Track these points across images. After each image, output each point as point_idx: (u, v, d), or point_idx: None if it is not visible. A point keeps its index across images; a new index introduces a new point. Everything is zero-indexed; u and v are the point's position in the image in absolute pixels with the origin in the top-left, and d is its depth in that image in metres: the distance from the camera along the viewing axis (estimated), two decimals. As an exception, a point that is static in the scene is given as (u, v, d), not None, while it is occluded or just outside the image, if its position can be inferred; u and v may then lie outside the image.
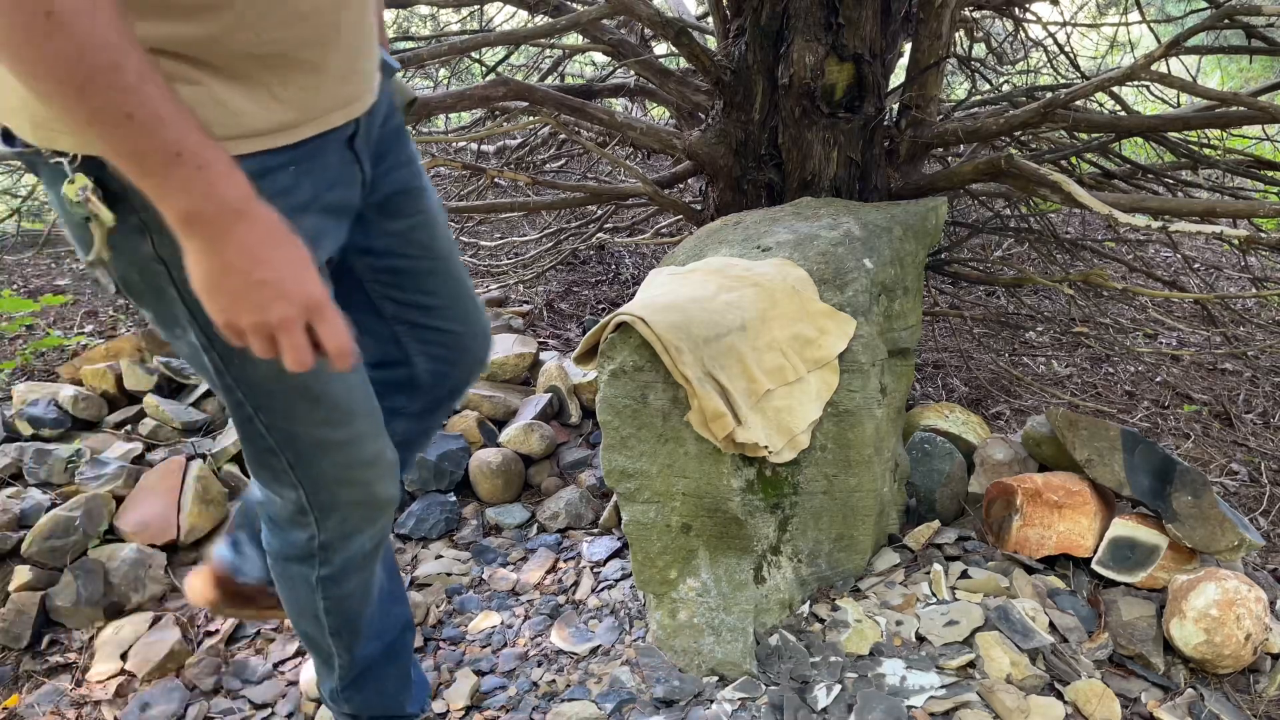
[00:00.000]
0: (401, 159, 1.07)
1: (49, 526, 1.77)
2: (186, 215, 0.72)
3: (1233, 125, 2.20)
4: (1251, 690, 1.52)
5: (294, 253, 0.77)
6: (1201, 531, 1.63)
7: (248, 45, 0.78)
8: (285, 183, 0.85)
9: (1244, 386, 2.88)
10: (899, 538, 1.86)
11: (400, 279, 1.12)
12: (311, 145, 0.87)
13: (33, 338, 3.05)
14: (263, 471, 1.03)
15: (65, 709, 1.53)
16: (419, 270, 1.13)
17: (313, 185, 0.89)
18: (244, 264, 0.74)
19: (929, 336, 3.30)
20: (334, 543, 1.09)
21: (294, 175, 0.86)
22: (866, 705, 1.40)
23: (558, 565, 1.88)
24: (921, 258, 1.88)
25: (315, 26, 0.82)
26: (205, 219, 0.73)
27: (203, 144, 0.71)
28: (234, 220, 0.73)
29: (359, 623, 1.20)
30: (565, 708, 1.45)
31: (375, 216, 1.06)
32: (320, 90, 0.86)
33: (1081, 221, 4.31)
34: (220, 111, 0.78)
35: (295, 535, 1.08)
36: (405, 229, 1.09)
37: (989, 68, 3.65)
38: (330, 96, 0.87)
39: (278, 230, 0.76)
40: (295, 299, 0.76)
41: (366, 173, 0.99)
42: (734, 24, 2.32)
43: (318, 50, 0.84)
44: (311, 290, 0.77)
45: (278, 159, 0.84)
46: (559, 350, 2.70)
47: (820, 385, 1.59)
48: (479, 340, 1.25)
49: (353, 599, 1.16)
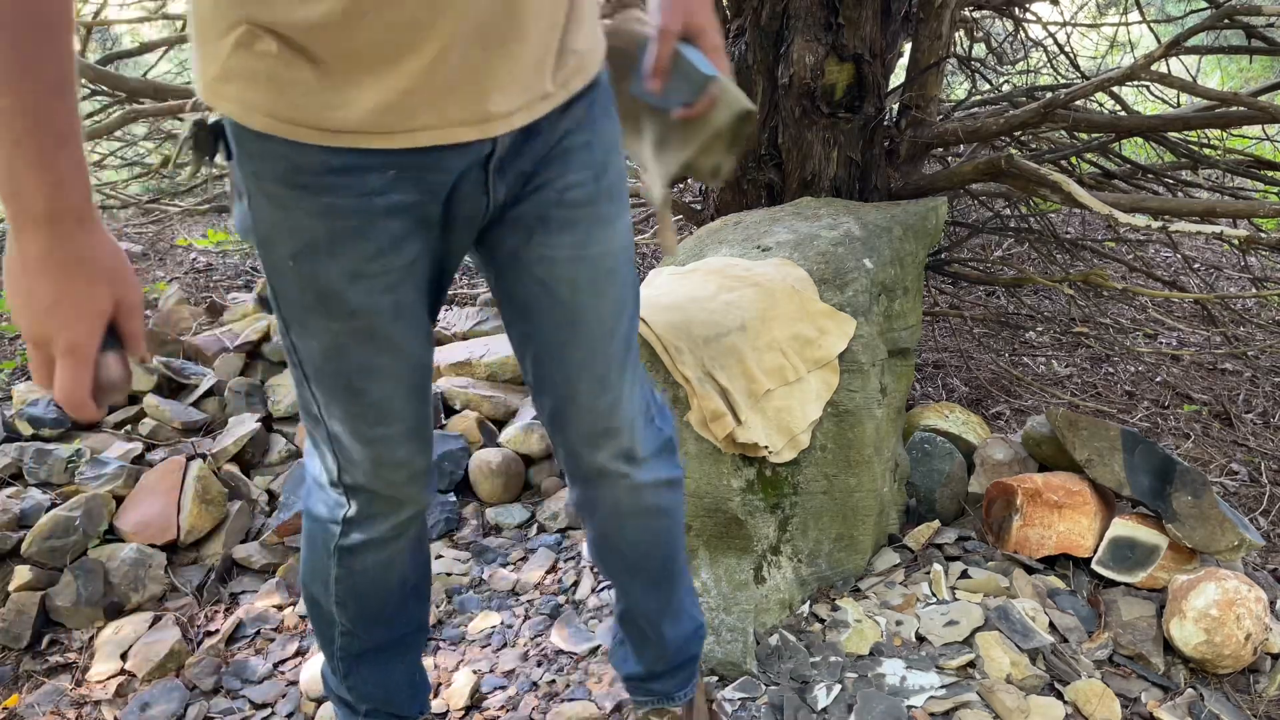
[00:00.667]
0: (558, 185, 0.94)
1: (49, 526, 1.77)
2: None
3: (1233, 125, 2.20)
4: (1251, 690, 1.52)
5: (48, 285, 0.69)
6: (1201, 531, 1.63)
7: (360, 42, 0.76)
8: (375, 183, 0.83)
9: (1244, 386, 2.88)
10: (899, 538, 1.86)
11: (507, 304, 1.04)
12: (414, 156, 0.84)
13: (33, 338, 3.04)
14: (308, 432, 1.05)
15: (65, 709, 1.53)
16: (532, 310, 1.00)
17: (402, 192, 0.86)
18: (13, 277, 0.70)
19: (929, 336, 3.30)
20: (357, 520, 1.10)
21: (391, 180, 0.84)
22: (866, 705, 1.40)
23: (558, 565, 1.88)
24: (921, 258, 1.88)
25: (418, 39, 0.77)
26: (9, 216, 0.68)
27: (41, 147, 0.65)
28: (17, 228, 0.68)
29: (366, 602, 1.20)
30: (565, 708, 1.45)
31: (502, 231, 0.98)
32: (421, 103, 0.81)
33: (1081, 221, 4.31)
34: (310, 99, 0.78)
35: (326, 498, 1.11)
36: (526, 256, 0.97)
37: (989, 68, 3.65)
38: (436, 113, 0.82)
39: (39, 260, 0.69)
40: (32, 334, 0.71)
41: (495, 194, 0.92)
42: (734, 24, 2.32)
43: (421, 60, 0.79)
44: (44, 330, 0.70)
45: (369, 159, 0.82)
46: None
47: (820, 385, 1.59)
48: (581, 421, 1.07)
49: (364, 576, 1.16)
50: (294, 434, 2.23)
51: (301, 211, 0.83)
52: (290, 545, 1.89)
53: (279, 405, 2.29)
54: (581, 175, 0.95)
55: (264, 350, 2.46)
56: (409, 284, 0.92)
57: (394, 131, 0.81)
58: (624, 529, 1.16)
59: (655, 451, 1.13)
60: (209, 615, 1.76)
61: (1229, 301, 3.28)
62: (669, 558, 1.22)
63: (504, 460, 2.12)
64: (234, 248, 4.09)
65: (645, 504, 1.13)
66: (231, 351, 2.44)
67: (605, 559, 1.23)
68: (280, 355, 2.45)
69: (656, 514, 1.15)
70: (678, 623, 1.29)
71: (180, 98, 2.25)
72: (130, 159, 3.78)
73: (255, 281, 3.60)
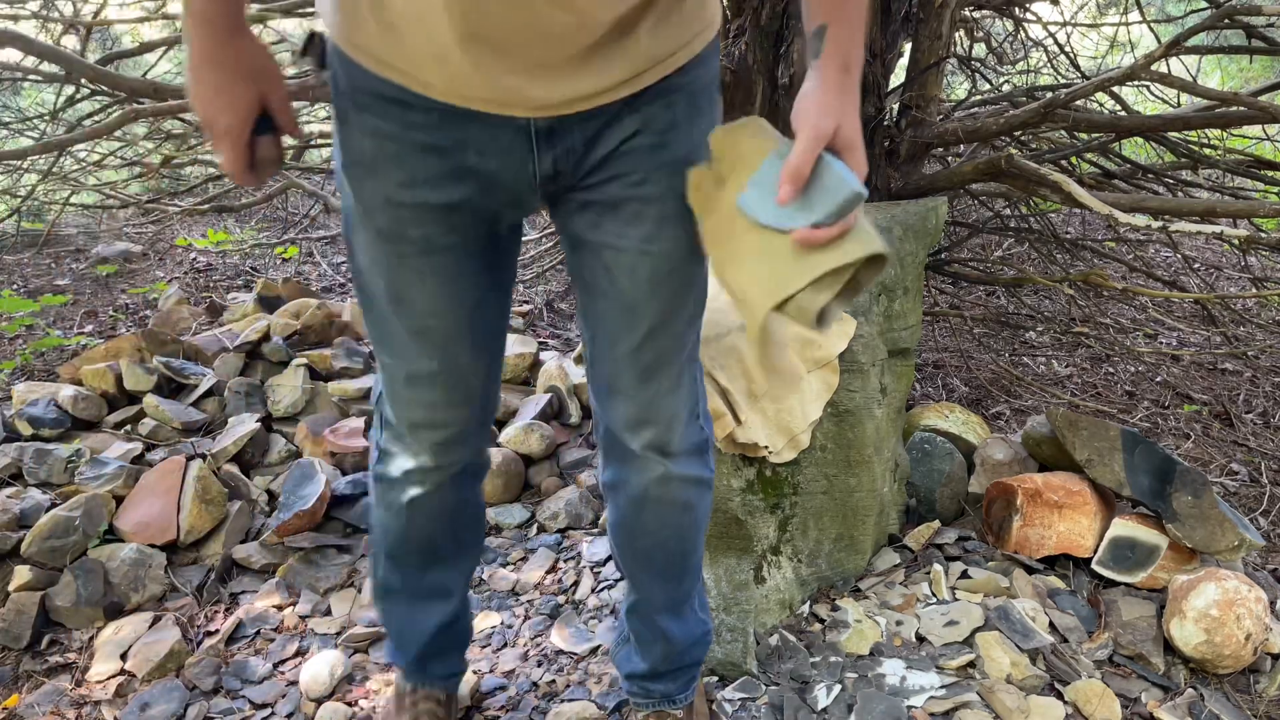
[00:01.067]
0: (631, 178, 0.96)
1: (49, 526, 1.77)
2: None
3: (1233, 125, 2.20)
4: (1251, 690, 1.52)
5: (211, 77, 0.88)
6: (1201, 531, 1.63)
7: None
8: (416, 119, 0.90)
9: (1244, 386, 2.88)
10: (899, 538, 1.86)
11: (576, 278, 1.06)
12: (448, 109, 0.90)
13: (32, 338, 3.05)
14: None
15: (65, 709, 1.53)
16: (594, 289, 1.04)
17: (442, 135, 0.91)
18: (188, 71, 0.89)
19: (929, 336, 3.30)
20: (383, 447, 1.16)
21: (434, 120, 0.90)
22: (866, 705, 1.40)
23: (558, 565, 1.88)
24: (921, 258, 1.88)
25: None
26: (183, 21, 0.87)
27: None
28: (189, 32, 0.86)
29: (387, 536, 1.23)
30: (565, 708, 1.45)
31: (572, 208, 1.00)
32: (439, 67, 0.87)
33: (1081, 221, 4.31)
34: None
35: (375, 416, 1.18)
36: (593, 239, 1.00)
37: (989, 68, 3.65)
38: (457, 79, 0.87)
39: (203, 58, 0.87)
40: (201, 117, 0.89)
41: (541, 165, 0.94)
42: (734, 24, 2.32)
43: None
44: (208, 114, 0.89)
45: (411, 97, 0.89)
46: (559, 350, 2.70)
47: (820, 385, 1.59)
48: (621, 406, 1.08)
49: (388, 511, 1.20)
50: (294, 434, 2.23)
51: (356, 127, 0.92)
52: (290, 545, 1.89)
53: (279, 405, 2.29)
54: (654, 174, 0.96)
55: (264, 350, 2.46)
56: (444, 226, 0.95)
57: (430, 84, 0.87)
58: (645, 515, 1.17)
59: (691, 449, 1.14)
60: (209, 615, 1.76)
61: (1229, 301, 3.28)
62: (684, 554, 1.22)
63: (504, 460, 2.12)
64: (234, 247, 4.10)
65: (671, 496, 1.14)
66: (231, 351, 2.44)
67: (621, 544, 1.23)
68: (279, 355, 2.45)
69: (680, 508, 1.16)
70: (685, 623, 1.29)
71: (180, 97, 2.25)
72: (130, 159, 3.78)
73: (255, 282, 3.60)
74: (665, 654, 1.30)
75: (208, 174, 4.39)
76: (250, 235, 4.42)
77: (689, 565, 1.24)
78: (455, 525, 1.24)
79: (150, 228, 4.44)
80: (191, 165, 4.35)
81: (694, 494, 1.16)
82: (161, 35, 3.52)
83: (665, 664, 1.31)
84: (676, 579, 1.24)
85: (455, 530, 1.25)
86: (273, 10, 2.63)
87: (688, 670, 1.33)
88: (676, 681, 1.33)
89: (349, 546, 1.94)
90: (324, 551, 1.91)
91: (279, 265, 3.99)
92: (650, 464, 1.12)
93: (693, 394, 1.12)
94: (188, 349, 2.48)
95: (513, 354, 2.48)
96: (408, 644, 1.33)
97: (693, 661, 1.33)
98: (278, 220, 4.70)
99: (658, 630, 1.28)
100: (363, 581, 1.83)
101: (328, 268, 3.87)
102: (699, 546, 1.24)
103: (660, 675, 1.32)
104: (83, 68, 2.27)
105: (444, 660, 1.36)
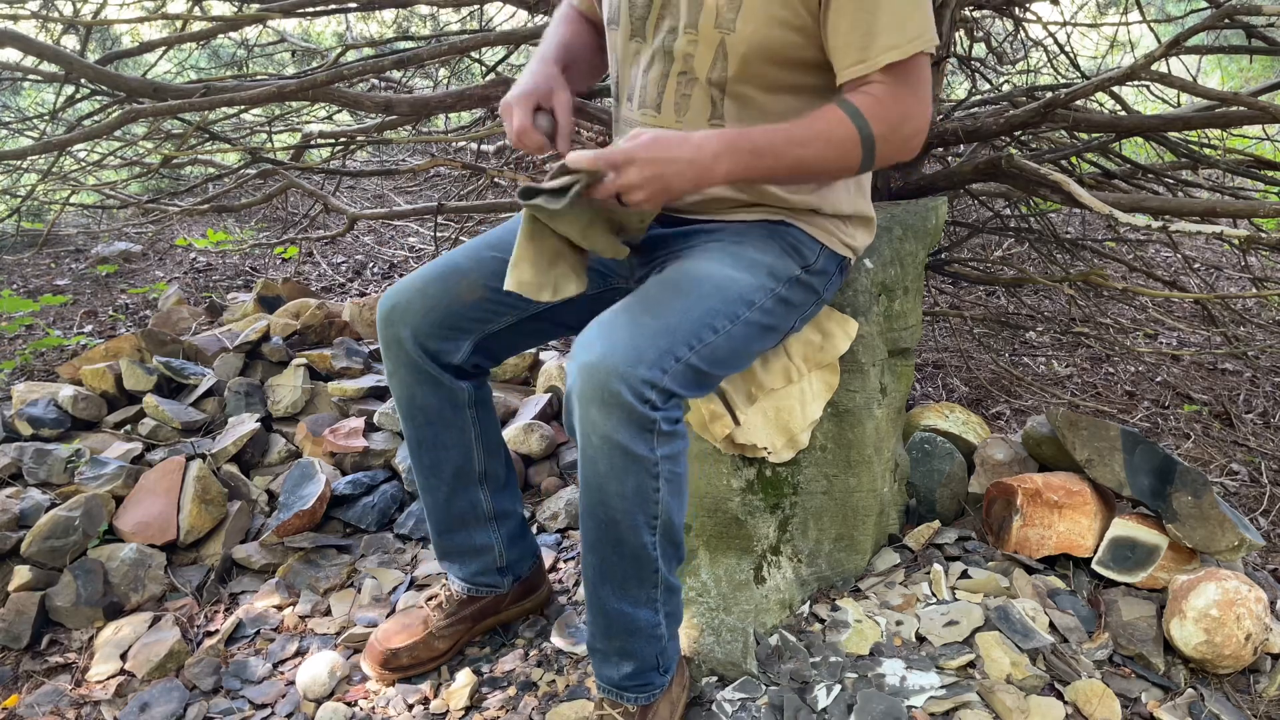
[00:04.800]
0: (658, 256, 1.42)
1: (48, 526, 1.77)
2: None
3: (1233, 125, 2.19)
4: (1251, 690, 1.52)
5: (523, 83, 1.31)
6: (1201, 531, 1.63)
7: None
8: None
9: (1244, 386, 2.88)
10: (899, 538, 1.85)
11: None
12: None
13: (32, 338, 3.05)
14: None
15: (65, 709, 1.53)
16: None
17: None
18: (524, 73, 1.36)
19: (929, 336, 3.30)
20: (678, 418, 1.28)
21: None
22: (866, 705, 1.40)
23: (558, 565, 1.88)
24: (921, 258, 1.88)
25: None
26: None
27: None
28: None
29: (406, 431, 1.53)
30: (565, 708, 1.45)
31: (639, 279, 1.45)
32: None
33: (1081, 221, 4.31)
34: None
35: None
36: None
37: (989, 68, 3.65)
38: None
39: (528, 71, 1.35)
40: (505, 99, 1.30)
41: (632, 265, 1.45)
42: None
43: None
44: (507, 98, 1.29)
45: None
46: (559, 350, 2.70)
47: (820, 385, 1.59)
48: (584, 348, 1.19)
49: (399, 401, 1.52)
50: (293, 434, 2.23)
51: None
52: (290, 545, 1.89)
53: (279, 405, 2.29)
54: (696, 242, 1.37)
55: (264, 350, 2.46)
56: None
57: None
58: (596, 461, 1.16)
59: (663, 419, 1.16)
60: (209, 615, 1.76)
61: (1229, 301, 3.28)
62: (631, 527, 1.19)
63: (504, 460, 2.11)
64: (233, 247, 4.10)
65: (626, 449, 1.14)
66: (231, 351, 2.44)
67: (580, 494, 1.23)
68: (279, 355, 2.45)
69: (635, 468, 1.15)
70: (624, 598, 1.25)
71: (179, 97, 2.25)
72: (130, 159, 3.78)
73: (255, 282, 3.60)
74: (597, 625, 1.28)
75: (207, 174, 4.39)
76: (250, 235, 4.42)
77: (633, 541, 1.20)
78: (446, 446, 1.56)
79: (150, 227, 4.44)
80: (191, 165, 4.35)
81: (660, 462, 1.16)
82: (161, 35, 3.51)
83: (598, 639, 1.30)
84: (613, 547, 1.21)
85: (458, 447, 1.57)
86: (273, 10, 2.63)
87: (632, 661, 1.29)
88: (620, 670, 1.30)
89: (349, 546, 1.94)
90: (324, 551, 1.91)
91: (279, 265, 3.99)
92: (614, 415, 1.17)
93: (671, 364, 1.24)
94: (187, 349, 2.48)
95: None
96: (462, 559, 1.61)
97: (639, 655, 1.29)
98: (277, 220, 4.70)
99: (592, 595, 1.27)
100: (362, 581, 1.83)
101: (327, 268, 3.87)
102: (651, 529, 1.21)
103: (595, 651, 1.31)
104: (83, 67, 2.27)
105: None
